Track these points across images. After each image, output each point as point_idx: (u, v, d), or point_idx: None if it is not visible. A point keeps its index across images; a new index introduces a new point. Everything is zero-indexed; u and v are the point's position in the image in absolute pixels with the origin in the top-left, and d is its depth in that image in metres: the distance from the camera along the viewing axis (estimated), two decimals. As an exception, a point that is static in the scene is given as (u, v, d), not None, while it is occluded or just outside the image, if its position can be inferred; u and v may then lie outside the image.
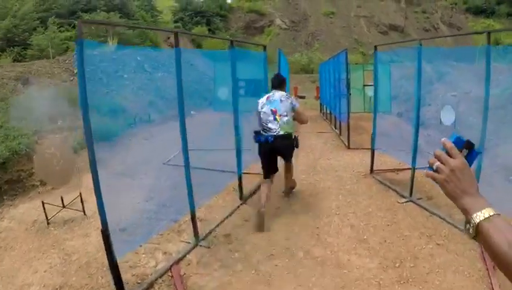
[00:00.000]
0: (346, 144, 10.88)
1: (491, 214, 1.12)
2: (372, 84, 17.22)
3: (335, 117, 13.77)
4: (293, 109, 6.53)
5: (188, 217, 5.81)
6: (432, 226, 5.88)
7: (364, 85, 17.59)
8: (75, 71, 16.49)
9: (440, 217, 6.10)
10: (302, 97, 26.38)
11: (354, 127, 11.65)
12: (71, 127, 12.70)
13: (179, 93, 4.92)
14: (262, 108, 6.50)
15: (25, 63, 18.48)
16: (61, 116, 12.98)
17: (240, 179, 7.08)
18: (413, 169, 6.96)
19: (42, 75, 15.67)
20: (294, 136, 6.63)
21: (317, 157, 9.78)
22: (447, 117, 8.03)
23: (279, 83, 6.86)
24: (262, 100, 6.61)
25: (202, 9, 46.21)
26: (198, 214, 6.28)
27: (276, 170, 6.72)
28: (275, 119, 6.34)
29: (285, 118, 6.37)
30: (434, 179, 1.24)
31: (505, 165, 9.34)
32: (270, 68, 13.98)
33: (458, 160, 1.20)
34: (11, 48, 25.08)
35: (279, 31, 49.41)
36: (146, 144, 11.94)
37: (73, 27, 31.64)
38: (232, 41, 6.34)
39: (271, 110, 6.40)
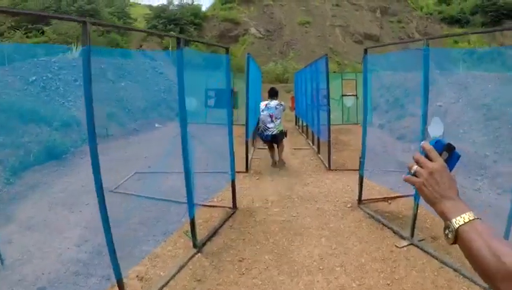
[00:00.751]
0: (327, 165, 9.22)
1: (471, 218, 1.05)
2: (351, 94, 15.87)
3: (312, 131, 12.18)
4: (283, 110, 9.67)
5: (128, 272, 4.21)
6: (446, 284, 4.33)
7: (342, 95, 16.09)
8: (31, 79, 14.70)
9: (454, 269, 4.54)
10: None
11: (333, 141, 10.01)
12: (16, 143, 11.02)
13: (87, 110, 3.22)
14: (262, 111, 9.28)
15: (-24, 70, 16.65)
16: (5, 131, 11.18)
17: (192, 223, 5.22)
18: (417, 204, 5.37)
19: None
20: (285, 131, 9.58)
21: (293, 182, 8.09)
22: (435, 129, 6.71)
23: (274, 94, 9.65)
24: (262, 106, 9.39)
25: (176, 17, 44.62)
26: (139, 268, 4.67)
27: (273, 147, 9.54)
28: (272, 121, 9.11)
29: (278, 120, 9.24)
30: (412, 183, 1.19)
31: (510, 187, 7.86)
32: (240, 76, 12.45)
33: (437, 163, 1.14)
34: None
35: (254, 40, 47.93)
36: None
37: (42, 33, 30.37)
38: (179, 40, 4.59)
39: (269, 114, 9.14)
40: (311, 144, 12.20)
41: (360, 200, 6.71)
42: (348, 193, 7.33)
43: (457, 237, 1.05)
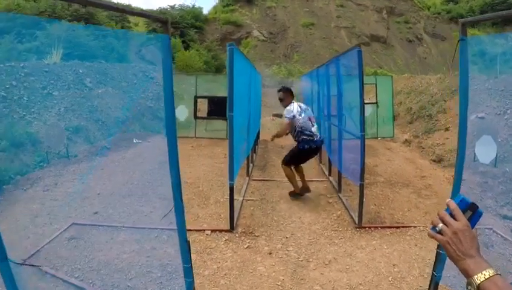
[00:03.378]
0: (356, 219, 5.68)
1: (492, 274, 1.08)
2: (370, 101, 12.47)
3: (329, 159, 8.33)
4: None
5: None
6: None
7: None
8: None
9: None
10: (280, 116, 21.01)
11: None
12: None
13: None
14: (299, 115, 6.68)
15: None
16: None
17: None
18: None
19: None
20: None
21: (305, 258, 4.70)
22: (485, 152, 5.63)
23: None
24: (295, 108, 6.73)
25: (176, 21, 41.85)
26: None
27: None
28: (313, 125, 6.77)
29: (316, 125, 6.90)
30: (437, 240, 1.22)
31: None
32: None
33: (461, 222, 1.17)
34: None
35: (257, 42, 45.19)
36: (39, 202, 7.19)
37: (35, 38, 28.10)
38: None
39: (308, 118, 6.76)
40: (326, 172, 8.61)
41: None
42: (397, 285, 4.06)
43: None
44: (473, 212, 1.19)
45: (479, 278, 1.07)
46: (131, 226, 5.71)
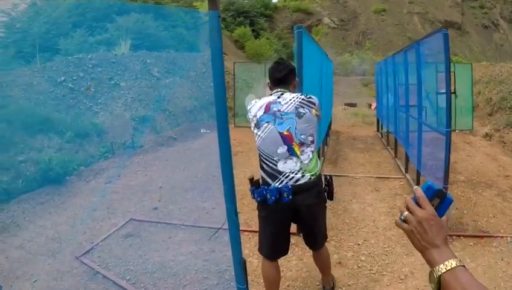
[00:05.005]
0: None
1: (453, 265, 0.99)
2: (445, 91, 11.34)
3: (407, 155, 7.29)
4: (318, 119, 2.93)
5: None
6: None
7: (437, 92, 11.75)
8: (59, 80, 11.86)
9: None
10: (352, 105, 20.51)
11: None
12: (11, 162, 8.01)
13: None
14: (259, 127, 2.80)
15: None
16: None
17: None
18: None
19: (18, 86, 11.21)
20: (325, 177, 3.06)
21: (377, 271, 3.96)
22: None
23: (284, 76, 2.95)
24: (254, 108, 2.85)
25: (245, 10, 41.85)
26: None
27: (287, 249, 3.08)
28: (292, 151, 2.72)
29: (309, 149, 2.78)
30: (402, 229, 1.12)
31: None
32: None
33: (426, 211, 1.06)
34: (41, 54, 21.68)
35: (328, 30, 44.57)
36: (100, 194, 7.13)
37: (106, 30, 28.94)
38: None
39: (280, 134, 2.72)
40: (402, 168, 7.66)
41: None
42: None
43: (440, 285, 1.00)
44: (441, 199, 1.08)
45: (440, 269, 0.99)
46: (192, 224, 5.34)
